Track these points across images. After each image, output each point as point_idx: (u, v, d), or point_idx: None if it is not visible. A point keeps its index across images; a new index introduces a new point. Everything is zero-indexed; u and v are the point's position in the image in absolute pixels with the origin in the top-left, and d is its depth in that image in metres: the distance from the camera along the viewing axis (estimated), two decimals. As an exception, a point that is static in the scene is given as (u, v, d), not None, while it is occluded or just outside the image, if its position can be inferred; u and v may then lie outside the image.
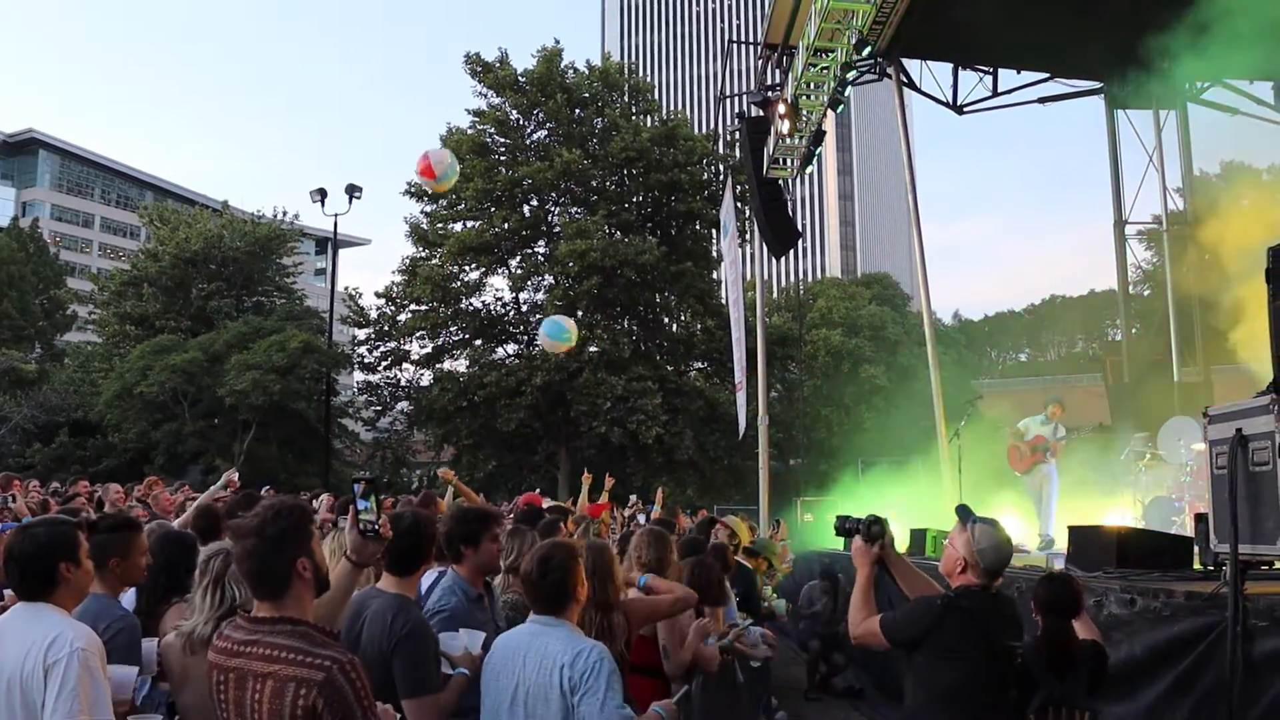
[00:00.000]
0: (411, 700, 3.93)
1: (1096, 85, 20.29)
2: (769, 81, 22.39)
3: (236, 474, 9.00)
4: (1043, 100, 20.16)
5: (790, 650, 12.75)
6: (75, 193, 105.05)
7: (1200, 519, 7.77)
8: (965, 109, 20.01)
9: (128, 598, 5.04)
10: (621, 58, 63.46)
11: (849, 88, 18.02)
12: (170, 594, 4.70)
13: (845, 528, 4.89)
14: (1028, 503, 13.89)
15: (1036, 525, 13.38)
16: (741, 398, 24.19)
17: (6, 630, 3.38)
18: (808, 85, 18.71)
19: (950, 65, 19.76)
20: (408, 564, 4.25)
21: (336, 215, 32.89)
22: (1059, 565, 7.94)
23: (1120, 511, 13.21)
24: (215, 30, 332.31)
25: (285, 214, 48.21)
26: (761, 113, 21.57)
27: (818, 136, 19.87)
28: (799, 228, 23.69)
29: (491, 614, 4.95)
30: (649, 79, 51.70)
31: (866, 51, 16.59)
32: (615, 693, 3.75)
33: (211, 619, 4.05)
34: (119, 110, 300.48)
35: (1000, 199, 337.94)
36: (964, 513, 4.52)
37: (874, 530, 4.71)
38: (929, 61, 19.49)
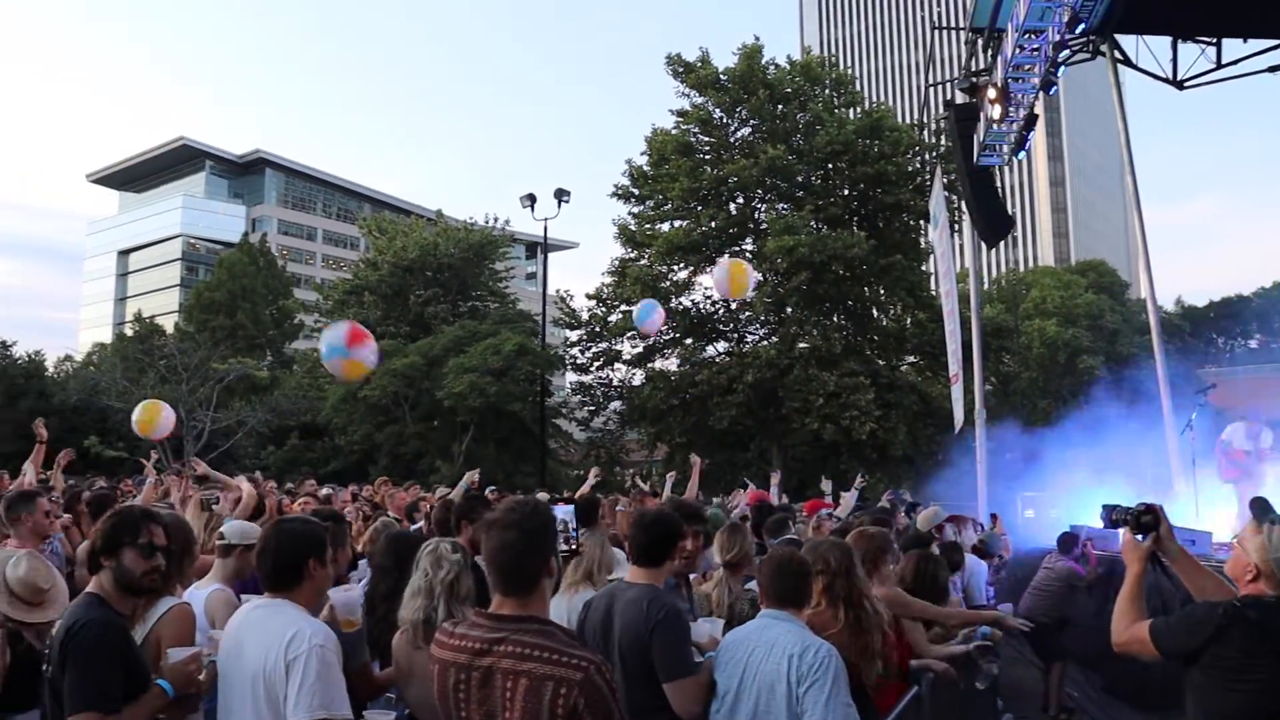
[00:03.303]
0: (672, 683, 4.03)
1: (1332, 49, 19.16)
2: (976, 66, 21.89)
3: (476, 474, 9.75)
4: (1273, 69, 19.12)
5: (1014, 651, 12.42)
6: (299, 208, 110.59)
7: None
8: (1186, 84, 19.15)
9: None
10: (821, 51, 62.77)
11: (1061, 68, 17.47)
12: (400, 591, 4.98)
13: (1113, 519, 4.36)
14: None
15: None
16: (957, 391, 23.69)
17: (249, 627, 3.63)
18: (1018, 68, 18.21)
19: (1169, 39, 18.94)
20: (655, 557, 4.34)
21: (546, 220, 33.71)
22: None
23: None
24: (419, 46, 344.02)
25: (496, 220, 49.45)
26: (969, 99, 21.09)
27: (1029, 120, 19.30)
28: (1010, 215, 23.06)
29: (691, 605, 5.06)
30: (850, 71, 51.12)
31: (1080, 29, 16.05)
32: (841, 690, 3.81)
33: (420, 608, 4.33)
34: (334, 127, 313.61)
35: (1224, 177, 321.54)
36: (1261, 508, 3.93)
37: (1145, 521, 4.16)
38: (1145, 36, 18.77)
